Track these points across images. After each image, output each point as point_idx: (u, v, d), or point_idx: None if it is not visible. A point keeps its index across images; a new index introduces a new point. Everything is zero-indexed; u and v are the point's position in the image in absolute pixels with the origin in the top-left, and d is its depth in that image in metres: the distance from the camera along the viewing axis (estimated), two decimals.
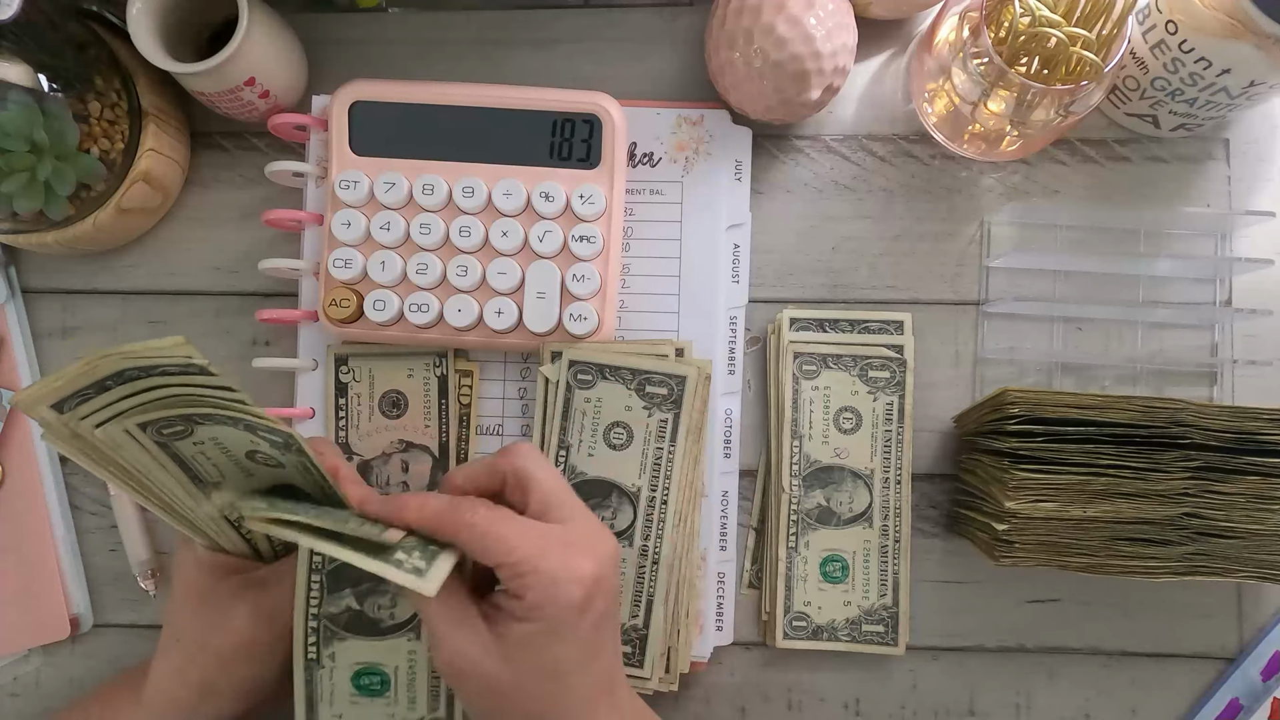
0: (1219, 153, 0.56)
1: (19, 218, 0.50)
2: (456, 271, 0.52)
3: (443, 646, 0.38)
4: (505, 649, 0.38)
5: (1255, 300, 0.55)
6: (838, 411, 0.54)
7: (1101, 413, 0.46)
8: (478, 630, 0.39)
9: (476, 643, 0.38)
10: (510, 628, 0.38)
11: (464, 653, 0.38)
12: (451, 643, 0.38)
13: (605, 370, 0.51)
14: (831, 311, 0.55)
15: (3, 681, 0.55)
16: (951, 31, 0.50)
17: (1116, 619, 0.54)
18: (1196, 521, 0.46)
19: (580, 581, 0.38)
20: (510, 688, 0.38)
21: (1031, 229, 0.56)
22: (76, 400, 0.32)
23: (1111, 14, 0.46)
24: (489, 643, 0.38)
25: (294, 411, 0.54)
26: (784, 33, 0.48)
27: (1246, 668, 0.53)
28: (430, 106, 0.52)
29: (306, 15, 0.56)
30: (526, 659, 0.38)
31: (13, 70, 0.47)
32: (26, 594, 0.54)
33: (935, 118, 0.54)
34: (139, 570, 0.55)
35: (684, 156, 0.55)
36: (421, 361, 0.54)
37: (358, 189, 0.52)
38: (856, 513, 0.53)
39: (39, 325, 0.57)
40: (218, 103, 0.52)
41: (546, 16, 0.57)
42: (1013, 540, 0.46)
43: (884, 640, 0.53)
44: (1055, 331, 0.56)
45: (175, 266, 0.57)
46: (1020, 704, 0.54)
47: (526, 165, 0.52)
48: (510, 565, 0.38)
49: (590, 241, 0.51)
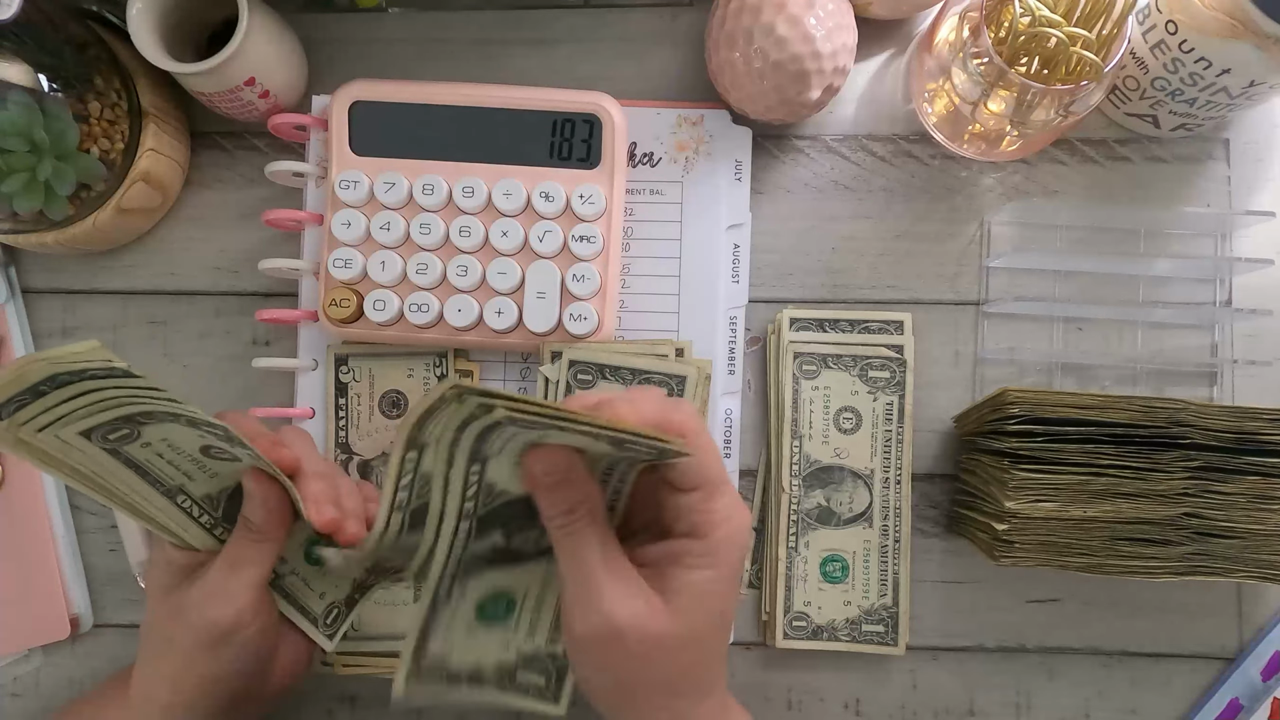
0: (1219, 153, 0.56)
1: (19, 218, 0.50)
2: (456, 271, 0.52)
3: (603, 599, 0.35)
4: (677, 601, 0.36)
5: (1255, 300, 0.55)
6: (838, 411, 0.54)
7: (1101, 413, 0.46)
8: (641, 585, 0.36)
9: (642, 598, 0.35)
10: (684, 577, 0.36)
11: (629, 607, 0.35)
12: (615, 595, 0.35)
13: (605, 370, 0.51)
14: (831, 311, 0.55)
15: (3, 681, 0.55)
16: (951, 31, 0.50)
17: (1116, 619, 0.54)
18: (1196, 521, 0.46)
19: (749, 529, 0.37)
20: (677, 644, 0.36)
21: (1031, 229, 0.56)
22: (13, 406, 0.33)
23: (1111, 14, 0.46)
24: (655, 599, 0.36)
25: (294, 411, 0.54)
26: (784, 33, 0.48)
27: (1246, 668, 0.53)
28: (430, 106, 0.52)
29: (306, 15, 0.56)
30: (701, 610, 0.36)
31: (13, 70, 0.47)
32: (26, 594, 0.54)
33: (935, 118, 0.54)
34: (139, 570, 0.55)
35: (684, 156, 0.55)
36: (421, 361, 0.54)
37: (358, 189, 0.52)
38: (856, 513, 0.53)
39: (39, 325, 0.57)
40: (218, 103, 0.52)
41: (546, 16, 0.57)
42: (1013, 540, 0.46)
43: (884, 640, 0.53)
44: (1055, 331, 0.56)
45: (175, 266, 0.57)
46: (1020, 704, 0.54)
47: (526, 165, 0.52)
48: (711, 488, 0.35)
49: (590, 241, 0.51)
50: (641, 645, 0.35)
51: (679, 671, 0.37)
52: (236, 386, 0.56)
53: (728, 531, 0.36)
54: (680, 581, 0.36)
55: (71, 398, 0.34)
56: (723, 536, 0.36)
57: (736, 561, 0.37)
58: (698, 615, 0.36)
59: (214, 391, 0.56)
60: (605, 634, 0.35)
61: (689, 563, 0.36)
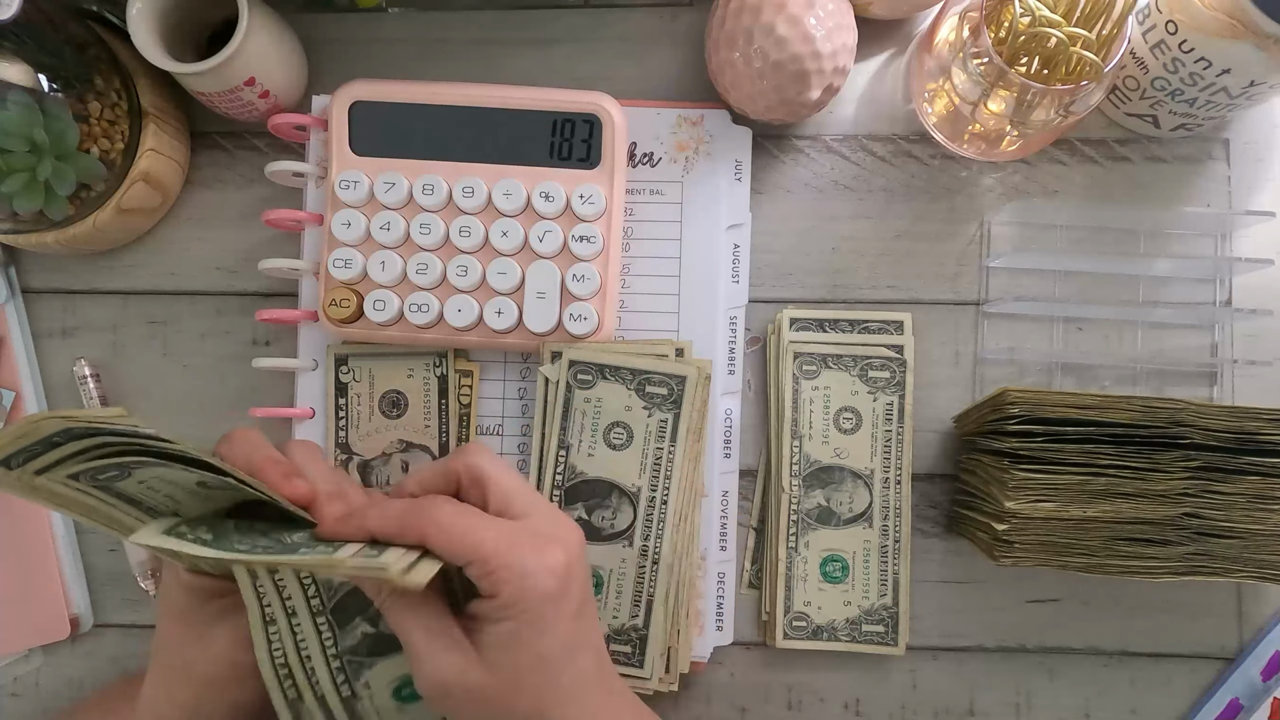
0: (1219, 153, 0.56)
1: (19, 218, 0.50)
2: (456, 271, 0.52)
3: (424, 662, 0.37)
4: (488, 655, 0.38)
5: (1255, 300, 0.55)
6: (838, 411, 0.54)
7: (1101, 413, 0.46)
8: (458, 641, 0.38)
9: (458, 653, 0.38)
10: (488, 631, 0.38)
11: (447, 665, 0.37)
12: (433, 656, 0.37)
13: (605, 370, 0.51)
14: (831, 311, 0.55)
15: (3, 681, 0.55)
16: (951, 31, 0.50)
17: (1116, 619, 0.54)
18: (1196, 521, 0.46)
19: (553, 572, 0.38)
20: (499, 693, 0.38)
21: (1031, 229, 0.56)
22: (24, 457, 0.33)
23: (1111, 14, 0.46)
24: (470, 652, 0.38)
25: (294, 411, 0.54)
26: (784, 33, 0.48)
27: (1246, 668, 0.53)
28: (430, 106, 0.52)
29: (306, 15, 0.56)
30: (510, 660, 0.38)
31: (13, 70, 0.47)
32: (26, 594, 0.54)
33: (935, 118, 0.54)
34: (139, 570, 0.55)
35: (684, 156, 0.55)
36: (421, 361, 0.54)
37: (358, 189, 0.52)
38: (856, 513, 0.53)
39: (39, 325, 0.57)
40: (218, 103, 0.52)
41: (546, 16, 0.57)
42: (1013, 540, 0.46)
43: (884, 640, 0.53)
44: (1055, 331, 0.56)
45: (175, 266, 0.57)
46: (1020, 704, 0.54)
47: (526, 165, 0.52)
48: (480, 561, 0.37)
49: (590, 241, 0.51)
50: (468, 696, 0.38)
51: (515, 713, 0.38)
52: (236, 386, 0.56)
53: (518, 585, 0.37)
54: (487, 635, 0.38)
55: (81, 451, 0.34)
56: (512, 592, 0.37)
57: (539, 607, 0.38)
58: (509, 664, 0.38)
59: (214, 391, 0.56)
60: (436, 692, 0.38)
61: (490, 617, 0.38)
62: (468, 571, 0.38)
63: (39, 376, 0.56)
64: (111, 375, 0.56)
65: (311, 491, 0.40)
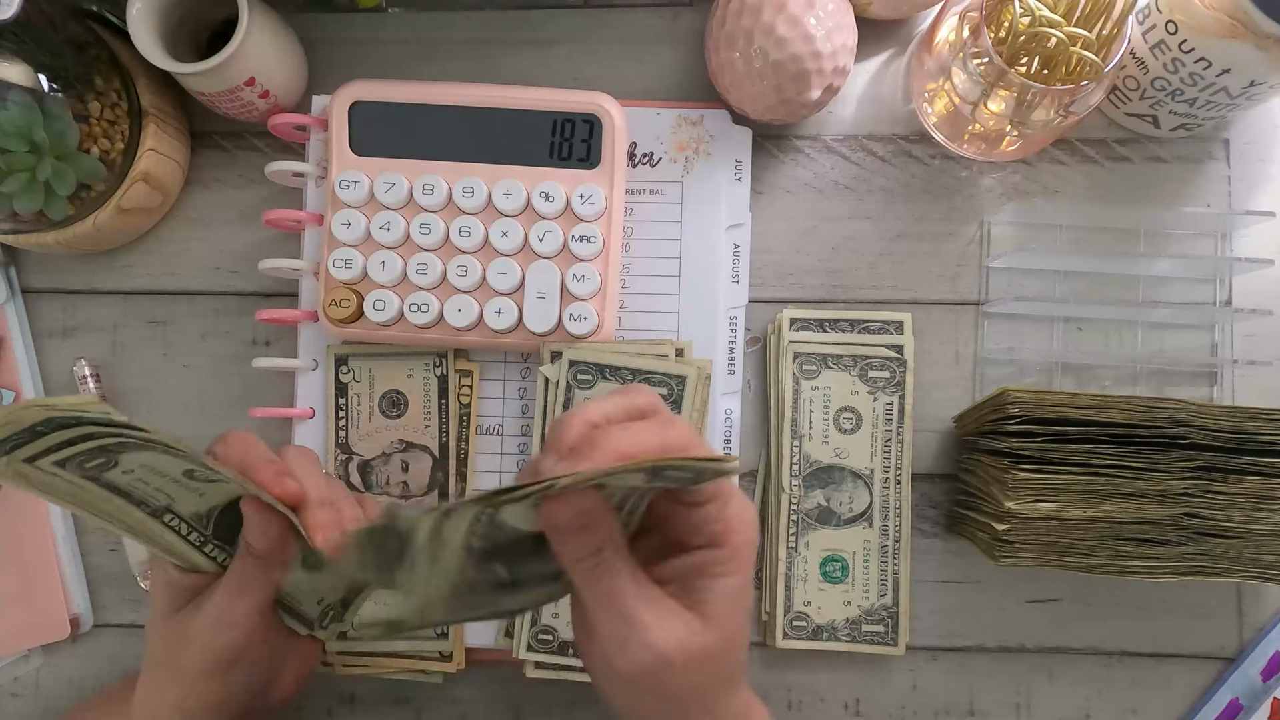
0: (1219, 153, 0.56)
1: (19, 218, 0.50)
2: (456, 271, 0.52)
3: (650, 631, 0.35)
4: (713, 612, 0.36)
5: (1255, 300, 0.55)
6: (838, 411, 0.54)
7: (1101, 413, 0.46)
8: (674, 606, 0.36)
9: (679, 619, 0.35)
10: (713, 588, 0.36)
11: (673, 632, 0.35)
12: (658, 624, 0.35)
13: (605, 370, 0.51)
14: (831, 311, 0.55)
15: (3, 681, 0.55)
16: (951, 31, 0.50)
17: (1116, 619, 0.54)
18: (1196, 521, 0.46)
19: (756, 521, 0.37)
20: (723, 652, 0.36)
21: (1031, 229, 0.56)
22: (9, 445, 0.33)
23: (1111, 14, 0.46)
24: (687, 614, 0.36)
25: (294, 411, 0.54)
26: (784, 33, 0.48)
27: (1246, 668, 0.53)
28: (430, 106, 0.52)
29: (306, 15, 0.56)
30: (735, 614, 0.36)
31: (13, 70, 0.47)
32: (26, 594, 0.54)
33: (935, 118, 0.54)
34: (139, 570, 0.55)
35: (684, 156, 0.55)
36: (421, 361, 0.54)
37: (358, 189, 0.52)
38: (856, 513, 0.53)
39: (39, 325, 0.57)
40: (218, 103, 0.52)
41: (546, 16, 0.57)
42: (1013, 540, 0.46)
43: (884, 640, 0.53)
44: (1055, 331, 0.56)
45: (175, 266, 0.57)
46: (1020, 704, 0.54)
47: (526, 165, 0.52)
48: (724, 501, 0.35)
49: (590, 241, 0.51)
50: (688, 665, 0.35)
51: (721, 676, 0.37)
52: (236, 386, 0.56)
53: (745, 535, 0.37)
54: (711, 593, 0.36)
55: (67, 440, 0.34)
56: (741, 541, 0.36)
57: (753, 560, 0.38)
58: (730, 621, 0.37)
59: (214, 391, 0.56)
60: (654, 665, 0.35)
61: (715, 572, 0.36)
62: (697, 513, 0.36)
63: (39, 376, 0.56)
64: (111, 375, 0.56)
65: (301, 492, 0.40)
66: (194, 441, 0.36)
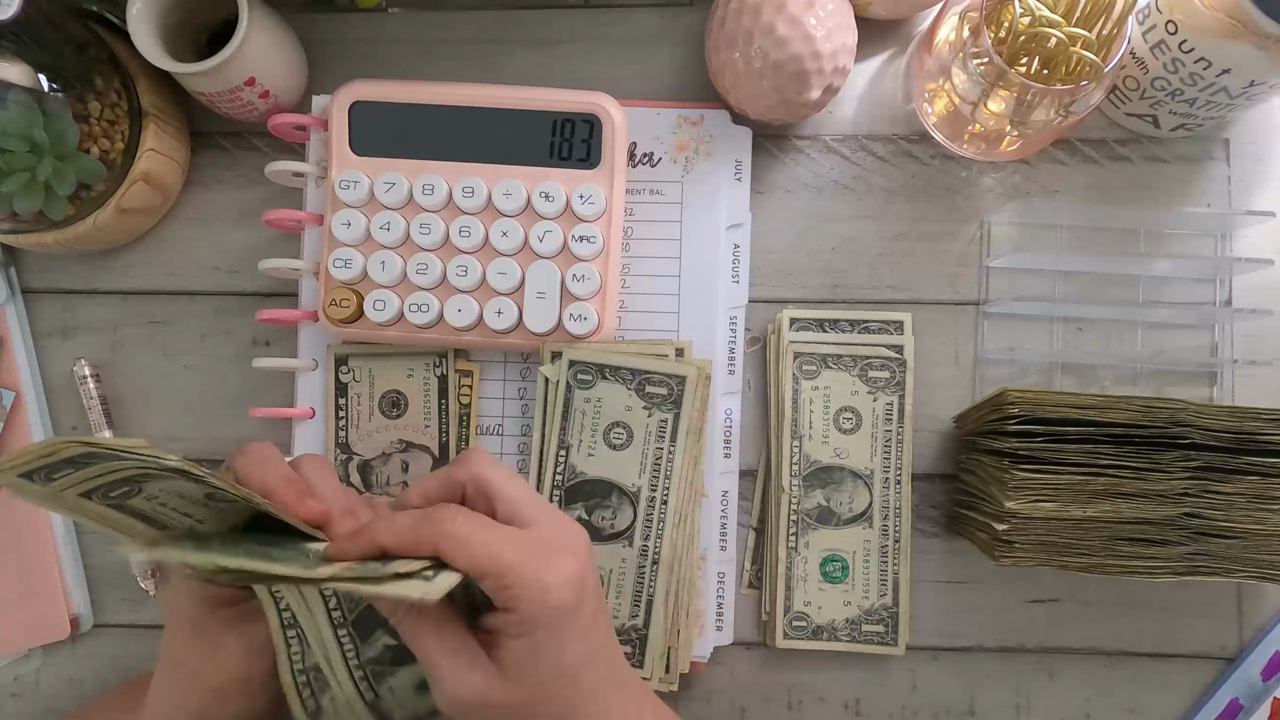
0: (1219, 153, 0.56)
1: (19, 218, 0.50)
2: (456, 271, 0.52)
3: (445, 682, 0.37)
4: (509, 670, 0.37)
5: (1255, 300, 0.55)
6: (838, 411, 0.54)
7: (1101, 413, 0.46)
8: (477, 658, 0.38)
9: (478, 672, 0.37)
10: (507, 647, 0.37)
11: (469, 684, 0.37)
12: (454, 676, 0.37)
13: (605, 370, 0.51)
14: (831, 311, 0.55)
15: (3, 681, 0.55)
16: (951, 31, 0.50)
17: (1116, 619, 0.54)
18: (1196, 521, 0.46)
19: (568, 583, 0.38)
20: (523, 707, 0.37)
21: (1031, 229, 0.56)
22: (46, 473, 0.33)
23: (1111, 14, 0.46)
24: (490, 668, 0.37)
25: (294, 411, 0.54)
26: (784, 33, 0.48)
27: (1246, 668, 0.53)
28: (430, 106, 0.52)
29: (306, 15, 0.56)
30: (532, 674, 0.37)
31: (13, 70, 0.47)
32: (26, 594, 0.54)
33: (935, 118, 0.54)
34: (139, 570, 0.55)
35: (684, 156, 0.55)
36: (421, 361, 0.54)
37: (358, 189, 0.52)
38: (856, 513, 0.53)
39: (39, 325, 0.57)
40: (218, 103, 0.52)
41: (546, 16, 0.57)
42: (1013, 540, 0.46)
43: (884, 640, 0.53)
44: (1055, 331, 0.56)
45: (175, 266, 0.57)
46: (1020, 704, 0.54)
47: (526, 165, 0.52)
48: (498, 575, 0.36)
49: (590, 241, 0.51)
50: (490, 712, 0.37)
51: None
52: (236, 386, 0.56)
53: (539, 599, 0.37)
54: (506, 650, 0.38)
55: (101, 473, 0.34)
56: (530, 607, 0.37)
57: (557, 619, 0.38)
58: (531, 678, 0.38)
59: (214, 392, 0.56)
60: (458, 710, 0.38)
61: (511, 632, 0.37)
62: (483, 584, 0.37)
63: (39, 376, 0.56)
64: (111, 375, 0.56)
65: (326, 512, 0.40)
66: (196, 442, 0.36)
